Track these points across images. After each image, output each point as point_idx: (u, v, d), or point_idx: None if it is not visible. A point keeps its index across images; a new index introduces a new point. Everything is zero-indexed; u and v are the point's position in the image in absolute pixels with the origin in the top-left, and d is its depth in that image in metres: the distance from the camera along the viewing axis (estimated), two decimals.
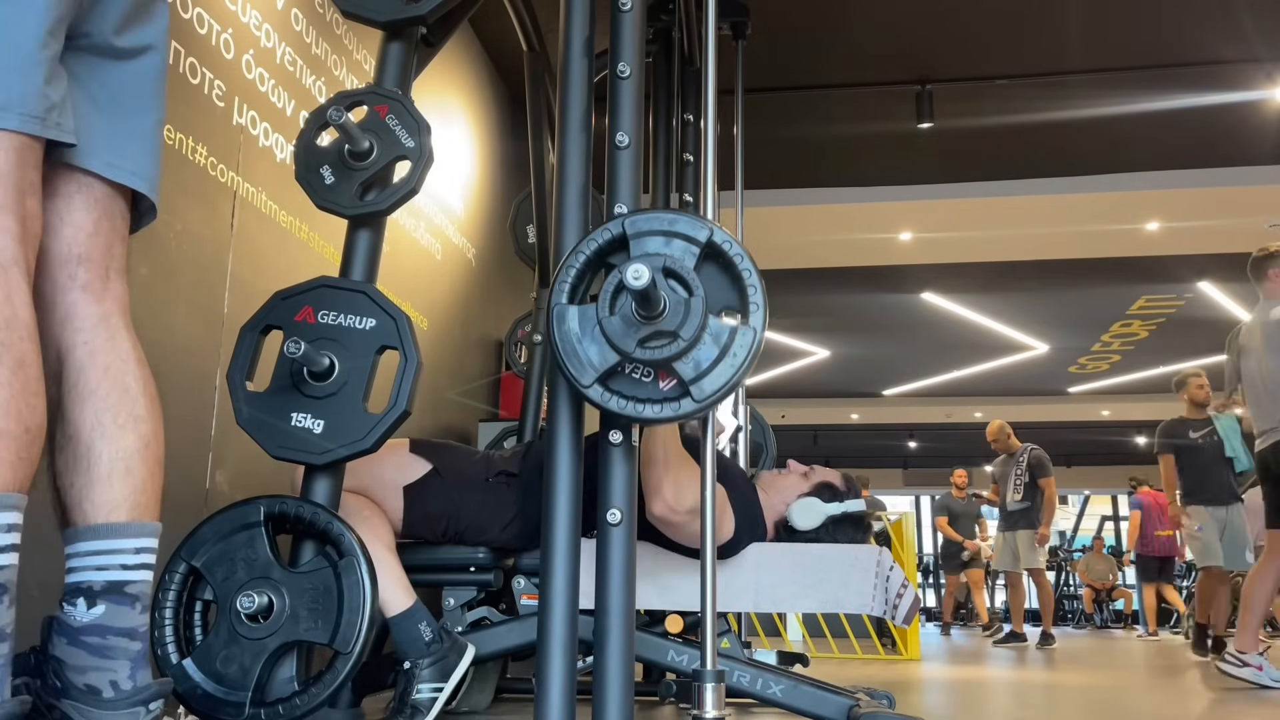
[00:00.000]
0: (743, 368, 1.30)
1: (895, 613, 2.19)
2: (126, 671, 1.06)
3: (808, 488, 2.28)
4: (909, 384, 12.31)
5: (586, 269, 1.36)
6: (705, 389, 1.29)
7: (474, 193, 4.40)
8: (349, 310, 1.61)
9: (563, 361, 1.32)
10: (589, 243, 1.36)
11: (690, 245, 1.33)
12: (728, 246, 1.34)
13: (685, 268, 1.30)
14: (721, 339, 1.30)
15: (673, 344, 1.28)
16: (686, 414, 1.31)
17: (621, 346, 1.29)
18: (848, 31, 4.73)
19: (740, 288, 1.34)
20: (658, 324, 1.28)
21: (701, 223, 1.34)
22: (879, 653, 5.78)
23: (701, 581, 1.42)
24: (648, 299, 1.25)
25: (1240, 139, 5.62)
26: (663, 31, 3.25)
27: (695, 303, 1.29)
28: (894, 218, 6.73)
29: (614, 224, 1.36)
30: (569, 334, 1.32)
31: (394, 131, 1.70)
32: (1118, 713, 2.84)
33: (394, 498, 2.07)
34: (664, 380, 1.32)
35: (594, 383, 1.30)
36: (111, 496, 1.10)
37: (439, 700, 1.85)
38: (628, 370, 1.33)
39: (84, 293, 1.13)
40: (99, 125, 1.15)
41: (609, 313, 1.30)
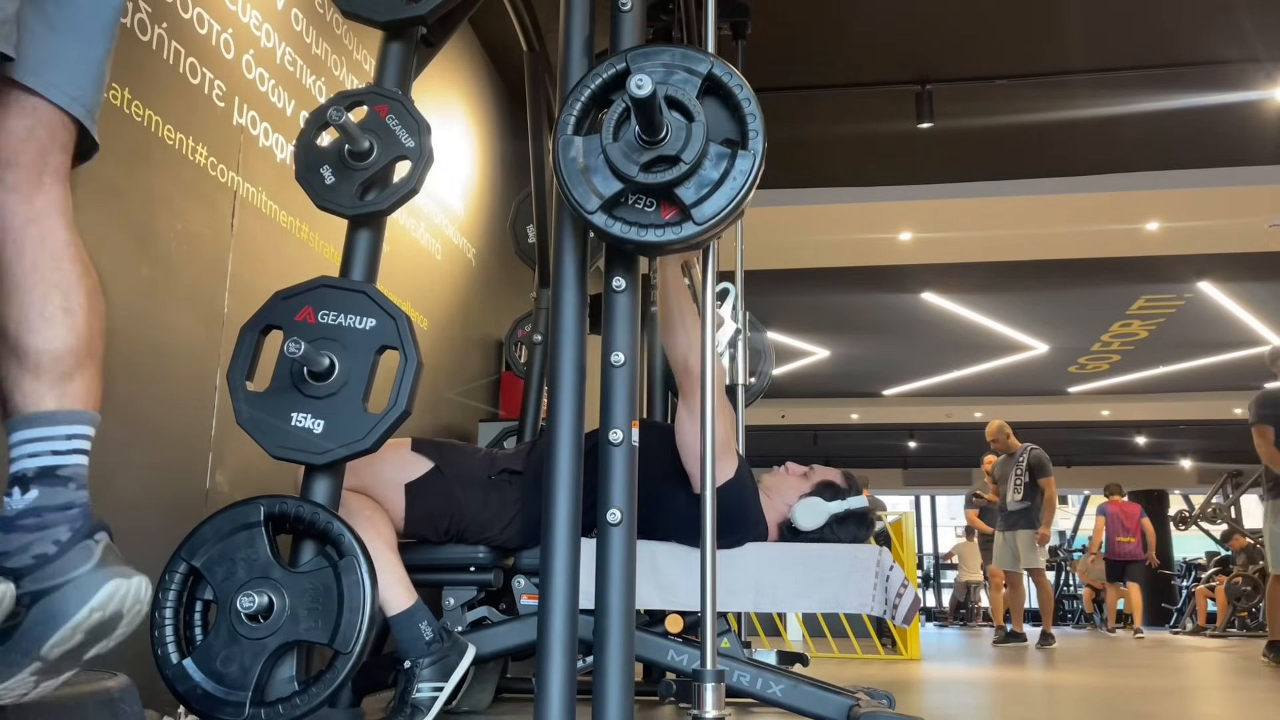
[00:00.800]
0: (743, 190, 1.33)
1: (895, 613, 2.19)
2: (65, 529, 1.08)
3: (809, 488, 2.28)
4: (909, 384, 12.31)
5: (591, 103, 1.39)
6: (706, 212, 1.32)
7: (474, 193, 4.40)
8: (349, 310, 1.61)
9: (568, 190, 1.35)
10: (594, 77, 1.40)
11: (691, 76, 1.36)
12: (728, 78, 1.37)
13: (687, 96, 1.34)
14: (721, 164, 1.33)
15: (675, 168, 1.31)
16: (688, 237, 1.33)
17: (625, 171, 1.32)
18: (848, 31, 4.73)
19: (740, 118, 1.37)
20: (660, 149, 1.31)
21: (702, 55, 1.38)
22: (879, 653, 5.78)
23: (701, 581, 1.42)
24: (650, 121, 1.28)
25: (1240, 139, 5.62)
26: (663, 31, 3.25)
27: (696, 128, 1.32)
28: (894, 218, 6.73)
29: (618, 59, 1.39)
30: (574, 163, 1.35)
31: (394, 131, 1.70)
32: (1118, 713, 2.84)
33: (396, 496, 2.07)
34: (666, 211, 1.35)
35: (598, 209, 1.33)
36: (38, 387, 1.11)
37: (439, 699, 1.85)
38: (631, 200, 1.36)
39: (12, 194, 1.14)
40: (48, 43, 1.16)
41: (613, 139, 1.33)
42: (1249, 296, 8.45)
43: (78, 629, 1.01)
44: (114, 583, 1.04)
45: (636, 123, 1.30)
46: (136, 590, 1.07)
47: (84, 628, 1.02)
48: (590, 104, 1.39)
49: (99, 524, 1.12)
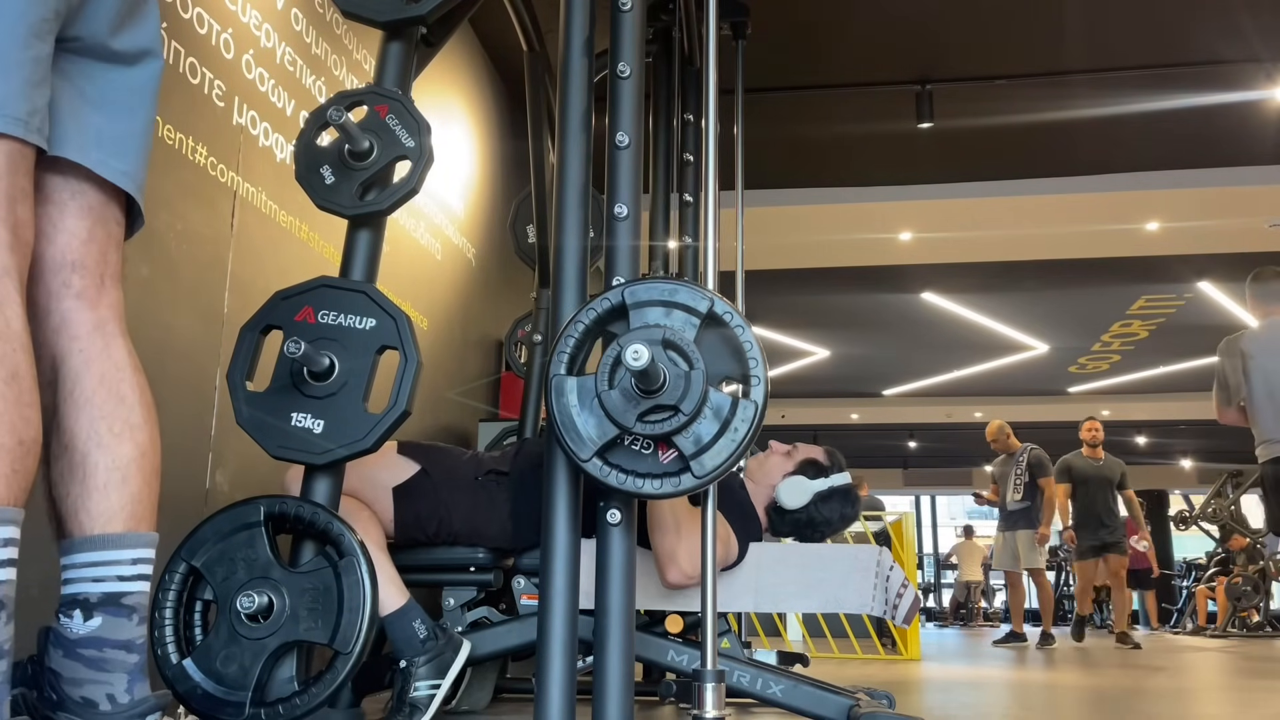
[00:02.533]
0: (743, 442, 1.28)
1: (895, 613, 2.19)
2: (124, 685, 1.05)
3: (792, 466, 2.28)
4: (909, 384, 12.31)
5: (585, 338, 1.34)
6: (706, 465, 1.27)
7: (474, 193, 4.40)
8: (349, 310, 1.61)
9: (561, 435, 1.30)
10: (588, 312, 1.34)
11: (690, 316, 1.31)
12: (729, 317, 1.31)
13: (685, 340, 1.28)
14: (722, 413, 1.28)
15: (673, 418, 1.27)
16: (687, 489, 1.29)
17: (621, 421, 1.27)
18: (848, 31, 4.73)
19: (741, 359, 1.31)
20: (657, 398, 1.26)
21: (702, 293, 1.33)
22: (879, 653, 5.78)
23: (701, 581, 1.42)
24: (647, 375, 1.24)
25: (1240, 139, 5.62)
26: (663, 31, 3.25)
27: (695, 376, 1.27)
28: (894, 218, 6.73)
29: (613, 293, 1.34)
30: (567, 407, 1.30)
31: (394, 131, 1.70)
32: (1118, 713, 2.84)
33: (384, 499, 2.06)
34: (664, 452, 1.31)
35: (592, 456, 1.29)
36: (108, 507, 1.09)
37: (437, 697, 1.85)
38: (627, 442, 1.31)
39: (78, 300, 1.12)
40: (92, 122, 1.14)
41: (608, 386, 1.28)
42: None
43: None
44: None
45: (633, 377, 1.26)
46: None
47: None
48: (584, 339, 1.35)
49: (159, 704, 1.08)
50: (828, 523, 2.25)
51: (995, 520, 7.98)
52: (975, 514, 17.10)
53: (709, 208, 1.62)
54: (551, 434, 1.34)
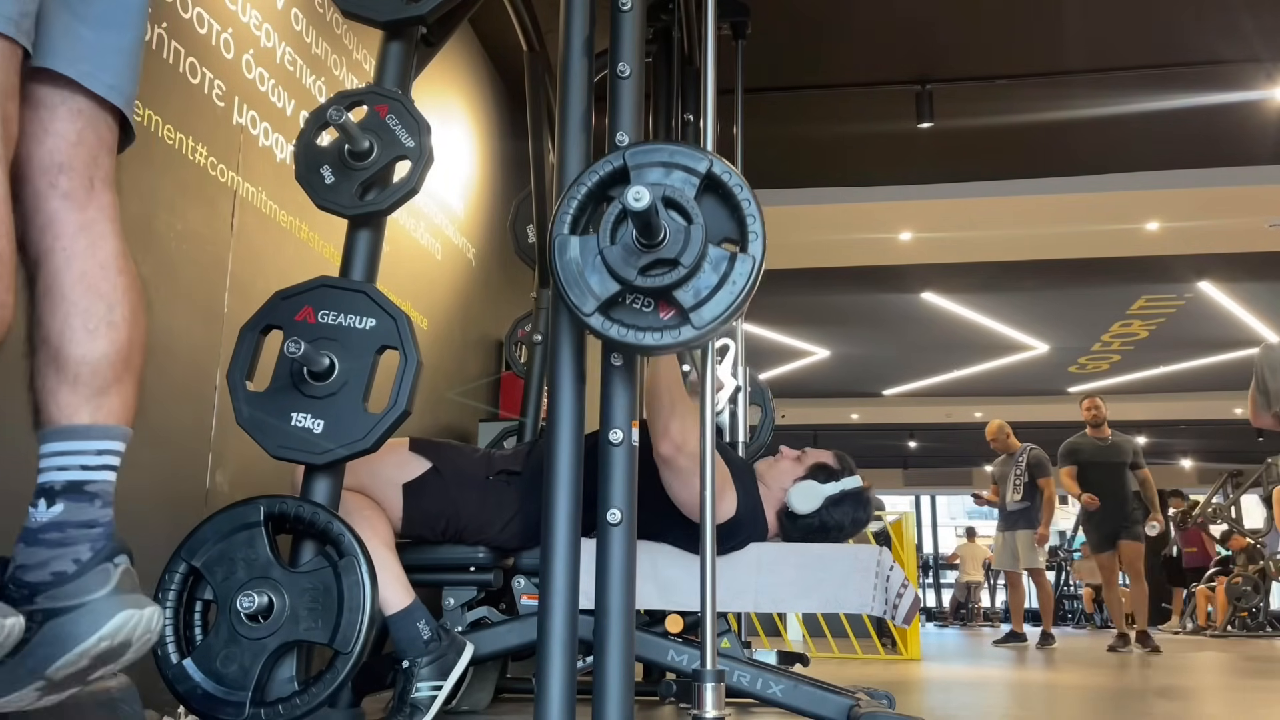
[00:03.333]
0: (741, 295, 1.31)
1: (895, 613, 2.19)
2: (87, 548, 1.07)
3: (803, 471, 2.28)
4: (909, 384, 12.31)
5: (588, 200, 1.38)
6: (704, 316, 1.31)
7: (474, 193, 4.40)
8: (349, 310, 1.61)
9: (564, 291, 1.34)
10: (590, 174, 1.38)
11: (690, 176, 1.35)
12: (727, 177, 1.35)
13: (685, 197, 1.32)
14: (721, 267, 1.32)
15: (673, 271, 1.30)
16: (686, 341, 1.32)
17: (622, 275, 1.30)
18: (848, 31, 4.73)
19: (739, 218, 1.35)
20: (658, 252, 1.30)
21: (701, 154, 1.36)
22: (879, 653, 5.78)
23: (701, 581, 1.42)
24: (648, 226, 1.27)
25: (1240, 139, 5.62)
26: (663, 31, 3.25)
27: (695, 231, 1.30)
28: (894, 218, 6.73)
29: (614, 156, 1.38)
30: (571, 264, 1.33)
31: (394, 131, 1.70)
32: (1118, 713, 2.84)
33: (393, 496, 2.06)
34: (664, 311, 1.34)
35: (595, 311, 1.32)
36: (75, 400, 1.11)
37: (438, 698, 1.85)
38: (628, 300, 1.35)
39: (65, 200, 1.13)
40: (81, 35, 1.16)
41: (610, 242, 1.32)
42: (1249, 296, 8.45)
43: (85, 654, 1.01)
44: (127, 613, 1.03)
45: (634, 226, 1.28)
46: (148, 621, 1.06)
47: (91, 654, 1.01)
48: (587, 201, 1.37)
49: (120, 547, 1.11)
50: (840, 527, 2.25)
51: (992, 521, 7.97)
52: (975, 514, 17.10)
53: None
54: (555, 294, 1.37)
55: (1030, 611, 7.32)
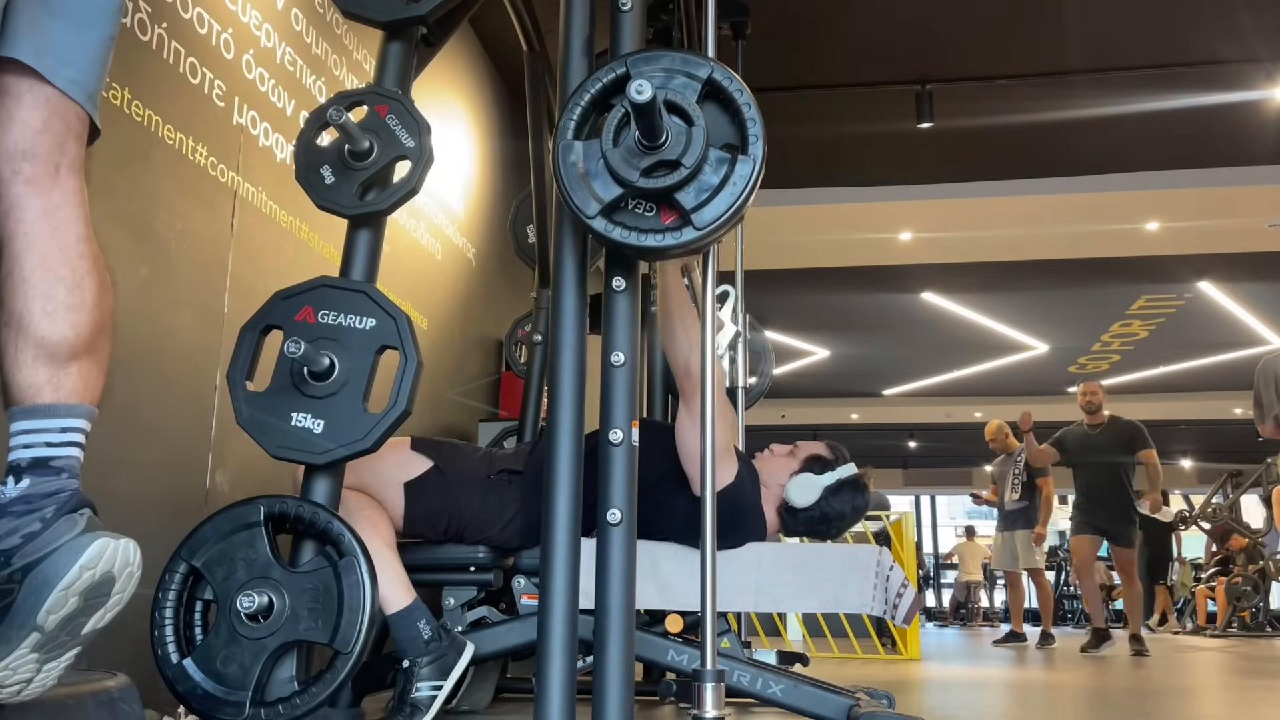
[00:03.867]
0: (742, 196, 1.33)
1: (895, 612, 2.19)
2: (52, 508, 1.09)
3: (797, 465, 2.28)
4: (909, 384, 12.31)
5: (591, 107, 1.39)
6: (706, 217, 1.32)
7: (474, 193, 4.40)
8: (349, 310, 1.61)
9: (568, 194, 1.35)
10: (594, 81, 1.40)
11: (691, 81, 1.36)
12: (728, 83, 1.36)
13: (687, 100, 1.34)
14: (722, 169, 1.34)
15: (675, 173, 1.31)
16: (688, 242, 1.34)
17: (625, 176, 1.32)
18: (848, 31, 4.73)
19: (740, 122, 1.36)
20: (660, 153, 1.31)
21: (703, 60, 1.38)
22: (879, 653, 5.78)
23: (701, 581, 1.42)
24: (651, 125, 1.28)
25: (1240, 139, 5.62)
26: (663, 31, 3.25)
27: (696, 133, 1.32)
28: (894, 218, 6.73)
29: (617, 63, 1.39)
30: (574, 167, 1.35)
31: (394, 131, 1.70)
32: (1118, 713, 2.84)
33: (395, 494, 2.07)
34: (666, 216, 1.36)
35: (598, 214, 1.34)
36: (36, 379, 1.13)
37: (438, 698, 1.85)
38: (631, 205, 1.36)
39: (28, 186, 1.15)
40: (49, 28, 1.17)
41: (612, 145, 1.33)
42: (1249, 296, 8.45)
43: (70, 591, 1.02)
44: (101, 541, 1.05)
45: (636, 128, 1.29)
46: (125, 551, 1.08)
47: (76, 589, 1.02)
48: (590, 108, 1.39)
49: (83, 501, 1.14)
50: (841, 516, 2.25)
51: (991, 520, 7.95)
52: (975, 514, 17.11)
53: None
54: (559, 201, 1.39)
55: (1030, 611, 7.32)
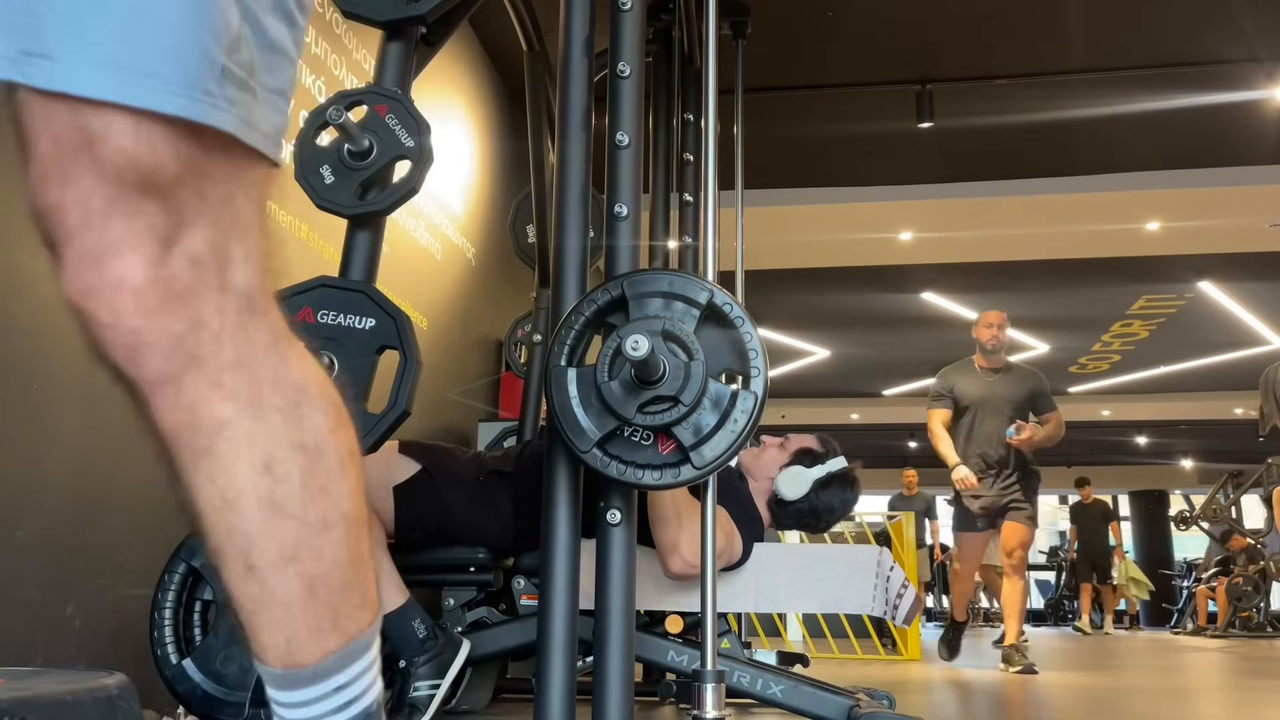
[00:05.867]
0: (743, 434, 1.28)
1: (895, 613, 2.19)
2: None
3: (787, 458, 2.28)
4: (909, 384, 12.31)
5: (585, 329, 1.35)
6: (705, 455, 1.28)
7: (474, 193, 4.40)
8: (349, 310, 1.61)
9: (561, 426, 1.30)
10: (588, 304, 1.35)
11: (690, 308, 1.31)
12: (728, 309, 1.32)
13: (685, 331, 1.29)
14: (722, 404, 1.29)
15: (673, 409, 1.27)
16: (686, 480, 1.30)
17: (620, 411, 1.28)
18: (847, 31, 4.73)
19: (741, 351, 1.32)
20: (657, 389, 1.27)
21: (701, 284, 1.33)
22: (879, 653, 5.78)
23: (701, 581, 1.42)
24: (647, 365, 1.24)
25: (1240, 139, 5.62)
26: (663, 31, 3.25)
27: (695, 367, 1.27)
28: (894, 218, 6.73)
29: (613, 285, 1.35)
30: (568, 398, 1.30)
31: (394, 131, 1.70)
32: (1118, 713, 2.84)
33: (384, 498, 2.06)
34: (664, 444, 1.31)
35: (592, 447, 1.29)
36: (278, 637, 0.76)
37: (436, 697, 1.85)
38: (627, 433, 1.31)
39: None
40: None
41: (608, 377, 1.29)
42: (1249, 296, 8.44)
43: None
44: None
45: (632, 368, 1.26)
46: None
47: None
48: (584, 330, 1.35)
49: None
50: (830, 509, 2.26)
51: None
52: None
53: (709, 207, 1.62)
54: (552, 426, 1.34)
55: (1032, 611, 7.33)
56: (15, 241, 1.88)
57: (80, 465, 2.02)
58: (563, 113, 1.60)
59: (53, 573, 1.94)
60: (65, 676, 1.12)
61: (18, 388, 1.88)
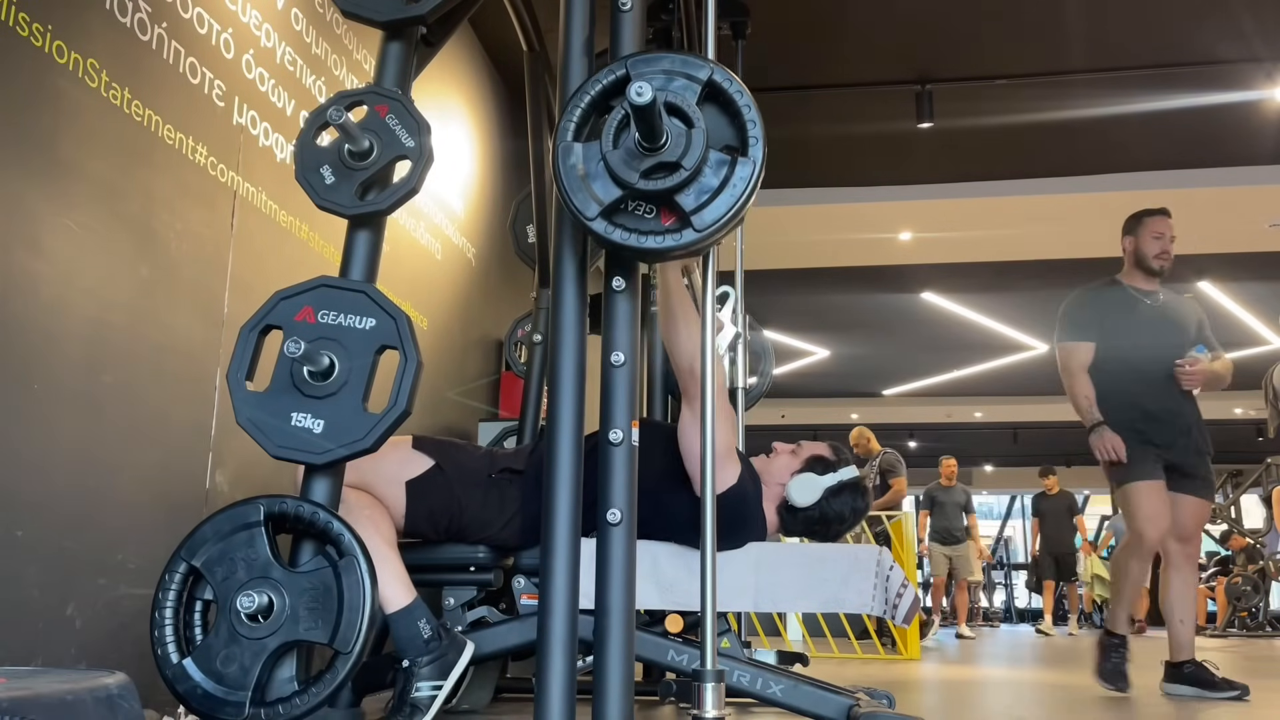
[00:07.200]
0: (742, 198, 1.33)
1: (895, 612, 2.19)
2: None
3: (799, 465, 2.28)
4: (909, 384, 12.31)
5: (591, 109, 1.39)
6: (706, 219, 1.32)
7: (474, 193, 4.40)
8: (349, 310, 1.61)
9: (568, 197, 1.35)
10: (594, 83, 1.39)
11: (691, 83, 1.36)
12: (728, 84, 1.36)
13: (687, 102, 1.33)
14: (722, 171, 1.33)
15: (675, 174, 1.31)
16: (688, 244, 1.34)
17: (625, 178, 1.32)
18: (847, 31, 4.73)
19: (740, 124, 1.36)
20: (660, 155, 1.31)
21: (702, 62, 1.38)
22: (879, 653, 5.78)
23: (701, 581, 1.42)
24: (651, 127, 1.28)
25: (1240, 139, 5.62)
26: (663, 31, 3.25)
27: (696, 135, 1.32)
28: (894, 218, 6.73)
29: (617, 65, 1.39)
30: (574, 169, 1.35)
31: (394, 131, 1.70)
32: (1118, 713, 2.84)
33: (396, 493, 2.07)
34: (666, 218, 1.36)
35: (598, 216, 1.33)
36: None
37: (438, 698, 1.85)
38: (631, 207, 1.36)
39: None
40: None
41: (612, 146, 1.33)
42: (1249, 296, 8.44)
43: None
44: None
45: (636, 130, 1.29)
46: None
47: None
48: (590, 110, 1.39)
49: None
50: (840, 518, 2.25)
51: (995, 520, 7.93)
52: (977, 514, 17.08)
53: None
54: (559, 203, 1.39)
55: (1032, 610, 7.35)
56: (15, 241, 1.88)
57: (80, 465, 2.02)
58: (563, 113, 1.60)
59: (53, 573, 1.94)
60: (66, 676, 1.12)
61: (18, 388, 1.88)
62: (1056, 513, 9.55)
